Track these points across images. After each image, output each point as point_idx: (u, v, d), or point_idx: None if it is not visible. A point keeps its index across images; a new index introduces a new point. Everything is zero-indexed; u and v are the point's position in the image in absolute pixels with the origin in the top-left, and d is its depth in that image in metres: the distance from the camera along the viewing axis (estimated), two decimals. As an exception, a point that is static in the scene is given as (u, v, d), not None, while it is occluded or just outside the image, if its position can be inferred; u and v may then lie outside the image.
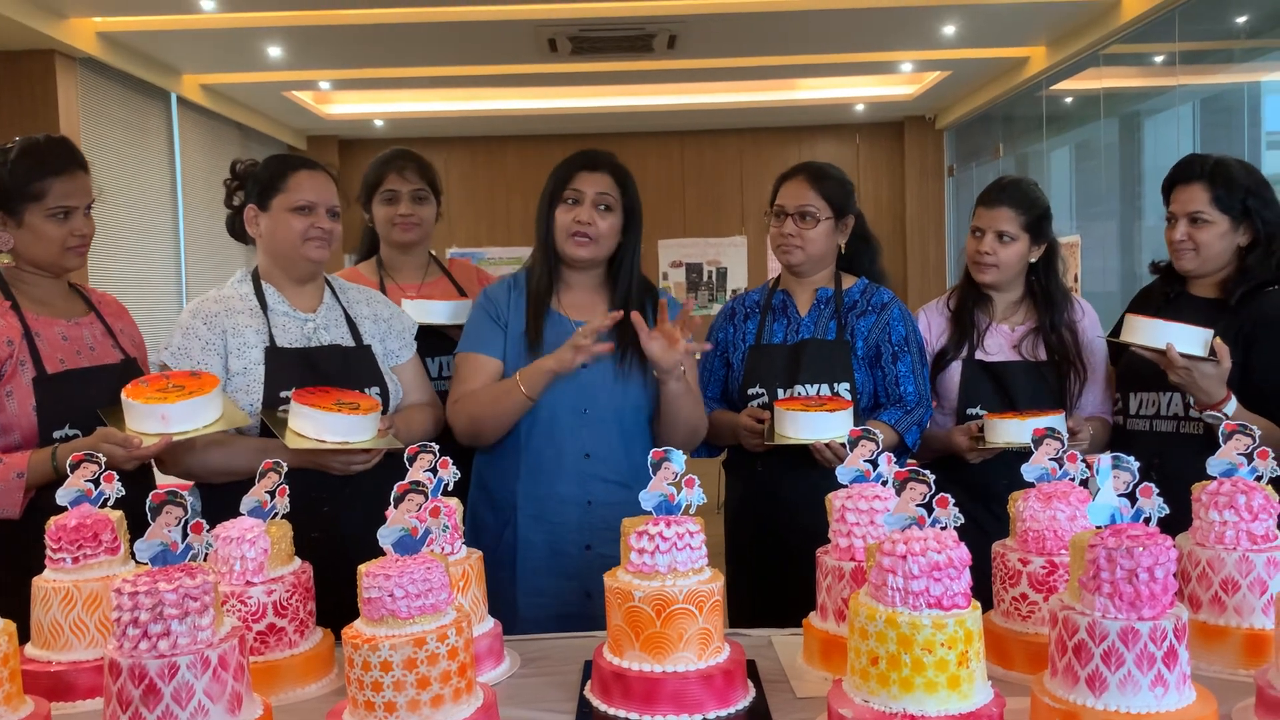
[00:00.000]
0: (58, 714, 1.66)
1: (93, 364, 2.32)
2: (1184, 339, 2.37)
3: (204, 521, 1.55)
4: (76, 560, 1.80)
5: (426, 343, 2.70)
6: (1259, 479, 1.83)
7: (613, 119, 9.95)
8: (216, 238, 8.09)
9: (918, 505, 1.50)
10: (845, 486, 1.86)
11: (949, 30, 7.13)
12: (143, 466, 2.25)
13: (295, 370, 2.36)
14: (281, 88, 8.41)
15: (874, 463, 1.85)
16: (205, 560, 1.63)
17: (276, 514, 1.89)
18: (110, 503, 1.89)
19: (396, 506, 1.61)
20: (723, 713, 1.63)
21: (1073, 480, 1.86)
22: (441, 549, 1.83)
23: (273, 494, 1.89)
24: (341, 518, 2.29)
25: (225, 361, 2.35)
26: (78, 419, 2.23)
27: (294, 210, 2.39)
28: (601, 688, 1.68)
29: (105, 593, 1.76)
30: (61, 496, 1.86)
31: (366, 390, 2.40)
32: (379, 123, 10.04)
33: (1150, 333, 2.42)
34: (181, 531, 1.53)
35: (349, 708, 1.52)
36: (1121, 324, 2.57)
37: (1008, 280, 2.78)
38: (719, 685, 1.63)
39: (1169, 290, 2.68)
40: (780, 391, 2.64)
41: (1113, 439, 2.69)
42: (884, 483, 1.82)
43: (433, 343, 2.81)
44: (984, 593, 1.66)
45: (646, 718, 1.61)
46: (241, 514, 1.87)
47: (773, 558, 2.64)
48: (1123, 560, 1.43)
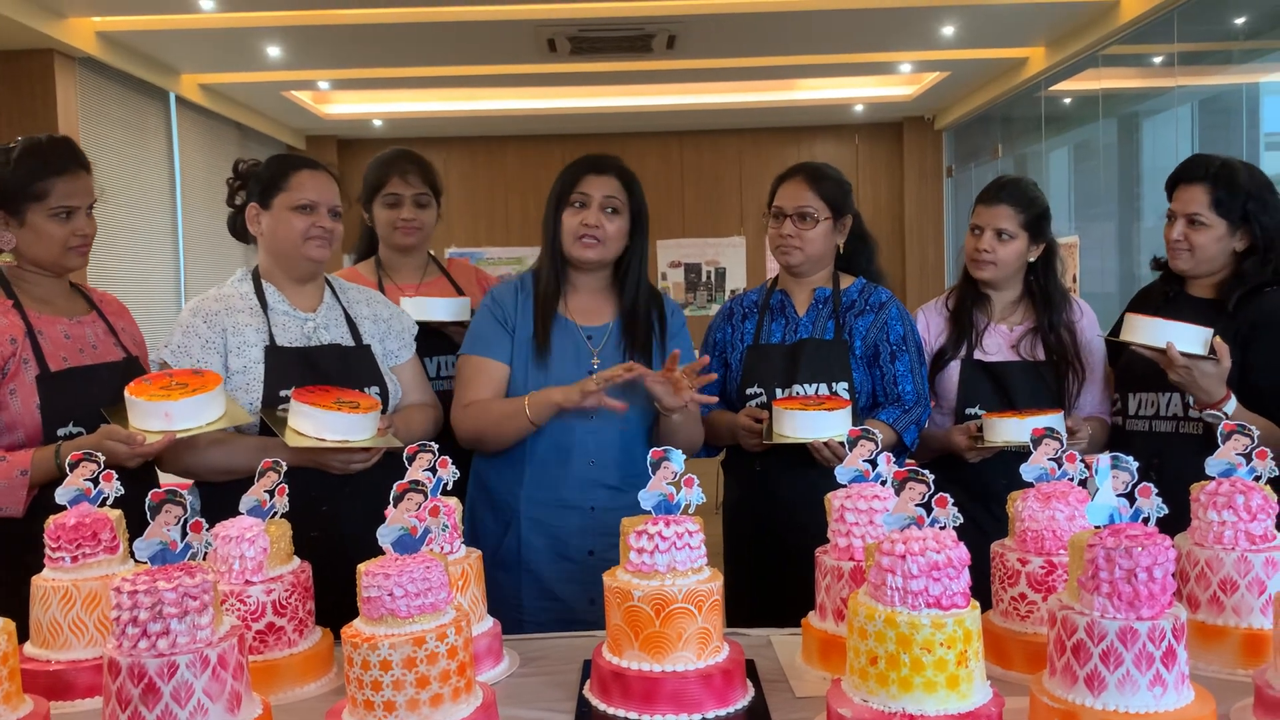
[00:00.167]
0: (57, 713, 1.66)
1: (95, 362, 2.32)
2: (1184, 338, 2.37)
3: (203, 520, 1.55)
4: (75, 559, 1.80)
5: (426, 343, 2.70)
6: (1257, 479, 1.83)
7: (612, 119, 9.96)
8: (215, 237, 8.10)
9: (917, 505, 1.50)
10: (844, 486, 1.86)
11: (948, 31, 7.13)
12: (146, 465, 2.25)
13: (295, 369, 2.36)
14: (280, 87, 8.41)
15: (873, 462, 1.85)
16: (204, 559, 1.63)
17: (275, 513, 1.89)
18: (109, 501, 1.89)
19: (396, 506, 1.61)
20: (722, 712, 1.63)
21: (1071, 480, 1.86)
22: (441, 548, 1.83)
23: (272, 493, 1.89)
24: (341, 517, 2.29)
25: (225, 360, 2.35)
26: (81, 417, 2.24)
27: (296, 209, 2.40)
28: (601, 687, 1.69)
29: (104, 592, 1.76)
30: (60, 495, 1.86)
31: (366, 390, 2.40)
32: (378, 123, 10.04)
33: (1150, 331, 2.41)
34: (181, 530, 1.53)
35: (348, 707, 1.53)
36: (1121, 323, 2.57)
37: (1005, 278, 2.78)
38: (718, 685, 1.64)
39: (1168, 290, 2.68)
40: (778, 391, 2.64)
41: (1112, 439, 2.69)
42: (883, 482, 1.82)
43: (432, 343, 2.81)
44: (983, 592, 1.66)
45: (645, 717, 1.61)
46: (241, 513, 1.87)
47: (771, 557, 2.65)
48: (1121, 560, 1.43)
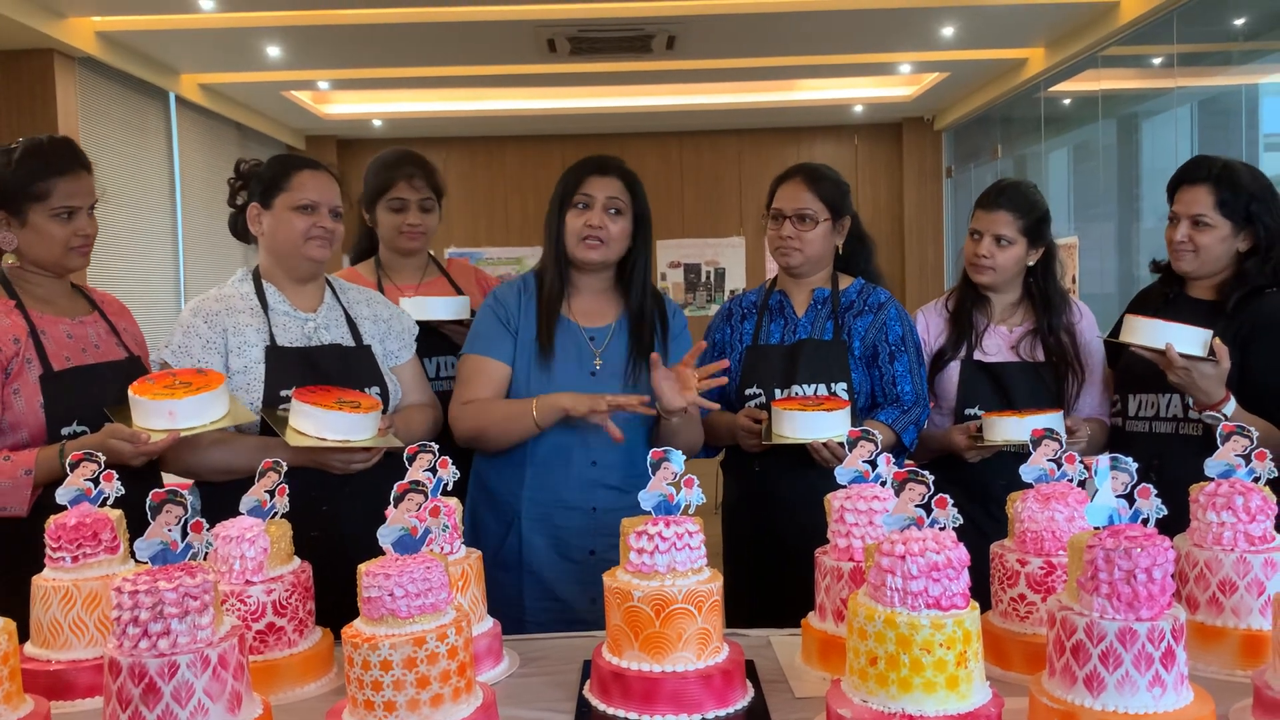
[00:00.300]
0: (57, 713, 1.66)
1: (98, 361, 2.32)
2: (1183, 339, 2.37)
3: (204, 520, 1.55)
4: (76, 559, 1.80)
5: (426, 343, 2.70)
6: (1257, 480, 1.83)
7: (611, 119, 9.96)
8: (215, 237, 8.10)
9: (916, 506, 1.51)
10: (843, 487, 1.86)
11: (948, 31, 7.13)
12: (151, 465, 2.26)
13: (295, 369, 2.36)
14: (280, 87, 8.41)
15: (873, 463, 1.85)
16: (205, 559, 1.63)
17: (276, 513, 1.89)
18: (110, 501, 1.89)
19: (396, 506, 1.61)
20: (721, 713, 1.63)
21: (1071, 481, 1.86)
22: (441, 548, 1.83)
23: (272, 493, 1.89)
24: (341, 517, 2.29)
25: (226, 360, 2.35)
26: (85, 416, 2.24)
27: (296, 209, 2.40)
28: (600, 687, 1.69)
29: (105, 592, 1.76)
30: (61, 495, 1.86)
31: (366, 390, 2.40)
32: (377, 123, 10.03)
33: (1150, 333, 2.42)
34: (181, 530, 1.53)
35: (348, 707, 1.53)
36: (1121, 325, 2.58)
37: (1005, 282, 2.78)
38: (718, 685, 1.64)
39: (1168, 291, 2.68)
40: (777, 391, 2.64)
41: (1112, 441, 2.69)
42: (883, 483, 1.83)
43: (432, 343, 2.81)
44: (982, 593, 1.66)
45: (645, 717, 1.61)
46: (241, 513, 1.87)
47: (770, 558, 2.65)
48: (1121, 561, 1.43)
